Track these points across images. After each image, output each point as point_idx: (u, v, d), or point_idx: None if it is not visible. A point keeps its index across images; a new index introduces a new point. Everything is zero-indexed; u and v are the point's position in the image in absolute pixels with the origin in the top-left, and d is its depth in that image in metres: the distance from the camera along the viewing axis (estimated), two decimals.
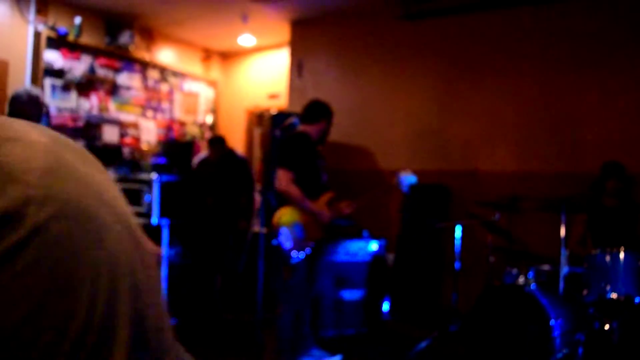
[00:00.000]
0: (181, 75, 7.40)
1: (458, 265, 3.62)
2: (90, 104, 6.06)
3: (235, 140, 7.98)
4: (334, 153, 4.50)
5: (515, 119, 4.22)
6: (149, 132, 6.89)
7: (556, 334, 2.95)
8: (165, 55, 7.19)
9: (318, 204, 3.12)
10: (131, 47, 6.44)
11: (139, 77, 6.72)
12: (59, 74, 5.65)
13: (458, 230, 3.62)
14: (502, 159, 4.25)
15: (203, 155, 4.88)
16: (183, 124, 7.45)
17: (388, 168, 4.80)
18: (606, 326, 3.00)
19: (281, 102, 6.81)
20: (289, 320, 3.09)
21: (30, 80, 5.29)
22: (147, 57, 6.84)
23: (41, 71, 5.37)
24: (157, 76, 7.03)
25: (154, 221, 3.56)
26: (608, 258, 3.13)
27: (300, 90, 5.25)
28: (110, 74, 6.32)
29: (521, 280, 3.28)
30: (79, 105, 5.93)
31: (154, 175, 3.57)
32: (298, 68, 5.38)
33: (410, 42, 4.79)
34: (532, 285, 3.21)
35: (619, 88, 3.87)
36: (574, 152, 3.96)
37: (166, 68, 7.16)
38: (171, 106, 7.24)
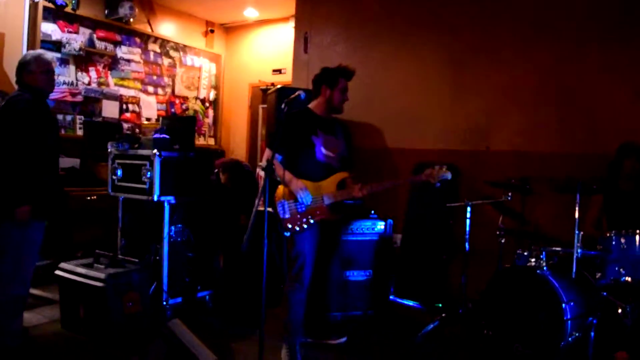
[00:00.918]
0: (183, 48, 7.23)
1: (467, 246, 3.54)
2: (89, 78, 5.93)
3: (238, 116, 7.86)
4: None
5: (529, 97, 4.08)
6: (150, 108, 6.76)
7: (568, 317, 2.90)
8: (166, 28, 7.02)
9: (324, 185, 3.04)
10: (131, 20, 6.28)
11: (139, 51, 6.56)
12: (56, 46, 5.50)
13: (468, 210, 3.54)
14: (515, 139, 4.12)
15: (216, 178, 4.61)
16: (185, 99, 7.32)
17: (396, 146, 4.68)
18: (619, 310, 2.94)
19: (286, 78, 6.65)
20: (298, 298, 3.01)
21: None
22: (148, 30, 6.67)
23: (38, 43, 5.23)
24: (158, 50, 6.87)
25: (155, 198, 3.48)
26: (623, 241, 3.07)
27: (306, 65, 5.10)
28: (110, 47, 6.18)
29: (533, 262, 3.22)
30: (77, 80, 5.80)
31: (154, 151, 3.48)
32: (304, 42, 5.22)
33: (420, 17, 4.62)
34: (544, 268, 3.15)
35: None
36: (590, 133, 3.84)
37: (168, 41, 6.99)
38: (172, 81, 7.10)
